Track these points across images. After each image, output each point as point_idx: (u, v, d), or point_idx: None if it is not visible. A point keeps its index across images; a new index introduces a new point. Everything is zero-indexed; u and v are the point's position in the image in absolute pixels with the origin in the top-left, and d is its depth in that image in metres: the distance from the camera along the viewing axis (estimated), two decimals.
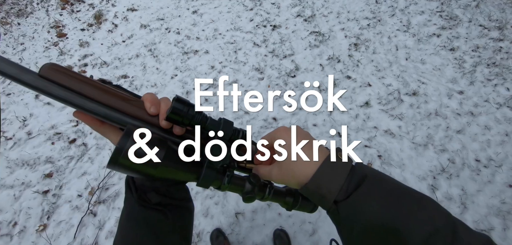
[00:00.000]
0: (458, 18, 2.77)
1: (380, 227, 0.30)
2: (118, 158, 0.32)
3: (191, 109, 0.35)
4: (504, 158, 1.83)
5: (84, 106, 0.33)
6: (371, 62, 2.47)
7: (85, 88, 0.33)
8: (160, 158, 0.34)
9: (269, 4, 3.16)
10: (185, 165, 0.37)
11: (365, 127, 2.05)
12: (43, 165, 1.99)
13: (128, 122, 0.35)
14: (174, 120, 0.35)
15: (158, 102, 0.37)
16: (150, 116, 0.36)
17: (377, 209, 0.30)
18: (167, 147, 0.35)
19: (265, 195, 0.43)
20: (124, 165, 0.33)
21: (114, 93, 0.35)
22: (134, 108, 0.36)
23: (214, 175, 0.38)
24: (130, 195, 0.40)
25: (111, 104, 0.34)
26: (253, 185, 0.41)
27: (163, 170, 0.35)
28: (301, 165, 0.35)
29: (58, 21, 3.12)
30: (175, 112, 0.34)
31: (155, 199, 0.39)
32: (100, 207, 1.78)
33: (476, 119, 2.03)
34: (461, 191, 1.72)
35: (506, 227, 1.57)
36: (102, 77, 2.52)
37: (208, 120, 0.37)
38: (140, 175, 0.36)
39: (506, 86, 2.20)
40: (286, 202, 0.45)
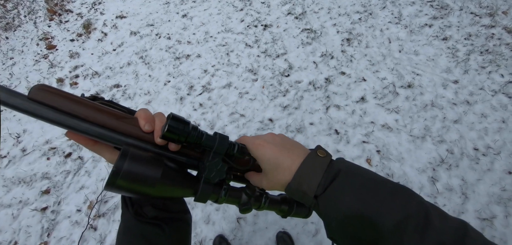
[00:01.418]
0: (449, 7, 2.77)
1: (355, 217, 0.31)
2: (116, 180, 0.31)
3: (186, 126, 0.35)
4: (502, 145, 1.84)
5: (76, 127, 0.32)
6: (365, 57, 2.46)
7: (76, 108, 0.32)
8: (158, 177, 0.34)
9: (259, 3, 3.13)
10: (182, 182, 0.38)
11: (362, 123, 2.04)
12: (40, 181, 1.95)
13: (122, 141, 0.35)
14: (170, 139, 0.35)
15: (153, 119, 0.37)
16: (144, 133, 0.36)
17: (350, 201, 0.32)
18: (164, 165, 0.35)
19: (261, 205, 0.45)
20: (122, 187, 0.32)
21: (107, 112, 0.34)
22: (128, 126, 0.35)
23: (211, 190, 0.39)
24: (126, 210, 0.40)
25: (104, 123, 0.34)
26: (249, 196, 0.43)
27: (161, 189, 0.35)
28: (282, 171, 0.38)
29: (46, 33, 3.06)
30: (171, 130, 0.34)
31: (152, 213, 0.39)
32: (100, 221, 1.75)
33: (472, 108, 2.03)
34: (462, 181, 1.72)
35: (508, 214, 1.58)
36: (95, 87, 2.48)
37: (204, 136, 0.37)
38: (139, 195, 0.36)
39: (500, 72, 2.20)
40: (282, 210, 0.48)
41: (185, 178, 0.38)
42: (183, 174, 0.38)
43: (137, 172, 0.32)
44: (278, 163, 0.38)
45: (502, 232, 1.52)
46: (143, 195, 0.35)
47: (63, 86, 2.54)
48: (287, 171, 0.37)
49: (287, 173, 0.37)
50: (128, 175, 0.32)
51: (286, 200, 0.49)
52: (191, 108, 2.26)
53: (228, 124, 2.14)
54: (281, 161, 0.38)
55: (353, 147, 1.92)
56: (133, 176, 0.32)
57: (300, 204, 0.48)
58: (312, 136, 2.01)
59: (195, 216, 1.73)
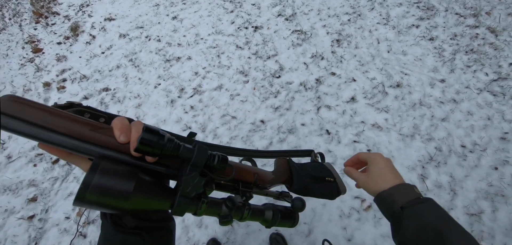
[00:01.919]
0: (435, 8, 2.83)
1: (431, 230, 0.42)
2: (85, 194, 0.30)
3: (161, 139, 0.34)
4: (488, 141, 1.88)
5: (48, 139, 0.31)
6: (354, 57, 2.49)
7: (48, 119, 0.31)
8: (130, 191, 0.32)
9: (249, 5, 3.14)
10: (158, 195, 0.36)
11: (352, 123, 2.06)
12: (26, 189, 1.90)
13: (96, 152, 0.33)
14: (143, 151, 0.34)
15: (129, 129, 0.35)
16: (120, 144, 0.34)
17: (432, 218, 0.44)
18: (137, 178, 0.34)
19: (243, 216, 0.43)
20: (92, 202, 0.31)
21: (81, 122, 0.33)
22: (102, 136, 0.34)
23: (188, 203, 0.37)
24: (105, 220, 0.38)
25: (77, 134, 0.32)
26: (229, 208, 0.41)
27: (134, 202, 0.33)
28: (383, 179, 0.52)
29: (32, 36, 2.99)
30: (144, 143, 0.33)
31: (131, 223, 0.38)
32: (90, 228, 1.71)
33: (459, 106, 2.08)
34: (450, 178, 1.75)
35: (495, 209, 1.62)
36: (83, 91, 2.43)
37: (181, 148, 0.36)
38: (111, 210, 0.34)
39: (485, 71, 2.27)
40: (265, 220, 0.47)
41: (162, 190, 0.37)
42: (160, 186, 0.37)
43: (108, 186, 0.31)
44: (385, 173, 0.53)
45: (490, 227, 1.56)
46: (116, 209, 0.34)
47: (50, 90, 2.48)
48: (387, 182, 0.51)
49: (386, 183, 0.51)
50: (98, 189, 0.30)
51: (269, 208, 0.47)
52: (182, 111, 2.24)
53: (219, 126, 2.13)
54: (388, 173, 0.53)
55: (344, 147, 1.94)
56: (104, 190, 0.31)
57: (285, 213, 0.51)
58: (304, 137, 2.01)
59: (187, 220, 1.71)
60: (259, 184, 0.52)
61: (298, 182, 0.59)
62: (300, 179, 0.60)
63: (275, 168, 0.61)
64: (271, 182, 0.56)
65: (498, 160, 1.80)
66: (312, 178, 0.61)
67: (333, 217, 1.66)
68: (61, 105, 0.37)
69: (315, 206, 1.70)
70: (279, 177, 0.59)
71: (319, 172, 0.62)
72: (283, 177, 0.60)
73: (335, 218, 1.65)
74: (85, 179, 0.30)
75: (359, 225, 1.62)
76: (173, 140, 0.35)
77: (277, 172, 0.59)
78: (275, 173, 0.59)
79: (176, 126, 2.15)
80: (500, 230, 1.55)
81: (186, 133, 2.20)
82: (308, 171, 0.61)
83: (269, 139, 2.03)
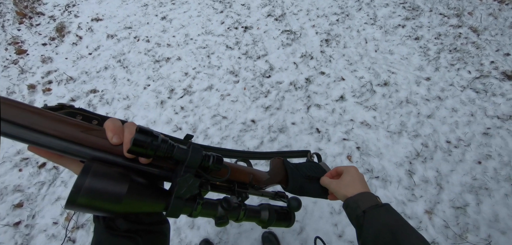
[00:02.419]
0: (420, 9, 2.91)
1: (388, 231, 0.47)
2: (77, 198, 0.29)
3: (155, 140, 0.33)
4: (472, 137, 1.95)
5: (38, 141, 0.30)
6: (343, 57, 2.54)
7: (38, 121, 0.30)
8: (123, 194, 0.32)
9: (239, 5, 3.15)
10: (151, 197, 0.35)
11: (342, 121, 2.09)
12: (12, 195, 1.84)
13: (88, 155, 0.33)
14: (137, 153, 0.33)
15: (121, 130, 0.35)
16: (113, 145, 0.34)
17: (388, 220, 0.49)
18: (130, 180, 0.33)
19: (239, 217, 0.43)
20: (84, 205, 0.30)
21: (71, 123, 0.32)
22: (95, 138, 0.33)
23: (183, 204, 0.37)
24: (97, 223, 0.38)
25: (68, 136, 0.31)
26: (225, 209, 0.41)
27: (127, 205, 0.33)
28: (353, 188, 0.57)
29: (16, 37, 2.90)
30: (137, 144, 0.32)
31: (124, 226, 0.37)
32: (79, 233, 1.67)
33: (444, 103, 2.14)
34: (436, 173, 1.80)
35: (479, 201, 1.67)
36: (70, 93, 2.38)
37: (175, 148, 0.35)
38: (104, 213, 0.34)
39: (468, 69, 2.34)
40: (261, 220, 0.47)
41: (155, 192, 0.36)
42: (153, 188, 0.36)
43: (100, 188, 0.30)
44: (355, 183, 0.58)
45: (475, 219, 1.61)
46: (109, 212, 0.33)
47: (35, 92, 2.41)
48: (355, 189, 0.56)
49: (354, 190, 0.56)
50: (90, 192, 0.30)
51: (265, 208, 0.47)
52: (172, 112, 2.22)
53: (210, 126, 2.12)
54: (357, 184, 0.58)
55: (334, 145, 1.97)
56: (96, 193, 0.30)
57: (281, 214, 0.52)
58: (294, 136, 2.03)
59: (179, 221, 1.70)
60: (254, 184, 0.52)
61: (294, 182, 0.60)
62: (296, 179, 0.60)
63: (271, 168, 0.61)
64: (267, 182, 0.57)
65: (481, 154, 1.86)
66: (307, 178, 0.62)
67: (324, 214, 1.68)
68: (52, 106, 0.36)
69: (306, 204, 1.72)
70: (275, 177, 0.59)
71: (315, 172, 0.63)
72: (279, 177, 0.60)
73: (326, 215, 1.68)
74: (77, 182, 0.30)
75: (349, 221, 1.65)
76: (167, 141, 0.35)
77: (273, 173, 0.60)
78: (271, 174, 0.59)
79: (166, 127, 2.13)
80: (484, 221, 1.60)
81: (177, 134, 2.17)
82: (303, 171, 0.62)
83: (260, 138, 2.03)
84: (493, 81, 2.24)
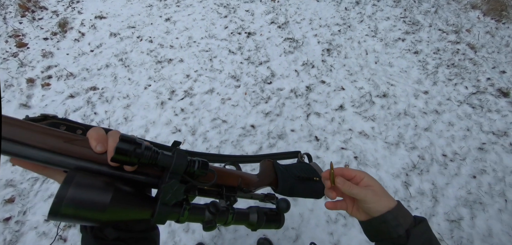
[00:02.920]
0: (420, 23, 2.97)
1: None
2: (59, 209, 0.29)
3: (138, 147, 0.33)
4: (467, 151, 1.98)
5: (20, 153, 0.30)
6: (344, 67, 2.57)
7: (20, 133, 0.30)
8: (107, 202, 0.32)
9: (243, 11, 3.18)
10: (137, 204, 0.35)
11: (340, 130, 2.11)
12: (3, 189, 1.81)
13: (72, 165, 0.32)
14: (120, 161, 0.33)
15: (105, 139, 0.35)
16: (97, 154, 0.34)
17: (428, 237, 0.47)
18: (114, 189, 0.33)
19: (227, 220, 0.43)
20: (67, 215, 0.30)
21: (54, 134, 0.32)
22: (78, 148, 0.33)
23: (169, 211, 0.37)
24: (85, 233, 0.38)
25: (51, 147, 0.31)
26: (213, 214, 0.41)
27: (111, 213, 0.32)
28: (386, 198, 0.49)
29: (17, 30, 2.88)
30: (120, 152, 0.32)
31: (113, 235, 0.37)
32: (71, 231, 1.65)
33: (441, 117, 2.18)
34: (432, 186, 1.82)
35: (473, 216, 1.69)
36: (69, 89, 2.37)
37: (159, 155, 0.36)
38: (88, 222, 0.33)
39: (465, 85, 2.39)
40: (251, 223, 0.46)
41: (141, 199, 0.36)
42: (139, 196, 0.36)
43: (83, 198, 0.30)
44: (385, 192, 0.50)
45: (469, 233, 1.63)
46: (94, 222, 0.33)
47: (34, 86, 2.40)
48: (389, 203, 0.48)
49: (389, 203, 0.48)
50: (73, 202, 0.30)
51: (254, 211, 0.47)
52: (172, 113, 2.22)
53: (210, 129, 2.12)
54: (384, 192, 0.50)
55: (332, 153, 1.98)
56: (79, 203, 0.30)
57: (270, 215, 0.50)
58: (293, 143, 2.04)
59: (173, 224, 1.69)
60: (243, 188, 0.52)
61: (284, 183, 0.59)
62: (286, 180, 0.60)
63: (260, 171, 0.61)
64: (256, 185, 0.56)
65: (477, 169, 1.89)
66: (297, 179, 0.61)
67: (320, 223, 1.68)
68: (34, 118, 0.36)
69: (303, 211, 1.72)
70: (265, 180, 0.59)
71: (305, 172, 0.63)
72: (269, 179, 0.60)
73: (322, 224, 1.68)
74: (59, 193, 0.29)
75: (345, 230, 1.66)
76: (151, 148, 0.35)
77: (262, 175, 0.59)
78: (260, 176, 0.59)
79: (165, 128, 2.13)
80: (478, 236, 1.62)
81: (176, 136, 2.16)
82: (294, 172, 0.62)
83: (259, 144, 2.04)
84: (489, 98, 2.28)
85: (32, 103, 2.27)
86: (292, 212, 1.72)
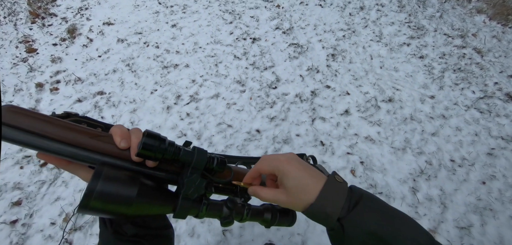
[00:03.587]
0: (425, 28, 2.96)
1: (376, 239, 0.35)
2: (89, 202, 0.30)
3: (162, 143, 0.35)
4: (476, 156, 1.95)
5: (48, 148, 0.31)
6: (349, 72, 2.57)
7: (48, 128, 0.31)
8: (133, 196, 0.33)
9: (248, 17, 3.21)
10: (160, 199, 0.37)
11: (346, 135, 2.10)
12: (11, 192, 1.83)
13: (97, 160, 0.34)
14: (145, 156, 0.35)
15: (128, 135, 0.36)
16: (120, 150, 0.35)
17: (373, 223, 0.35)
18: (140, 183, 0.34)
19: (243, 216, 0.44)
20: (96, 208, 0.31)
21: (80, 130, 0.33)
22: (103, 144, 0.34)
23: (190, 205, 0.38)
24: (105, 229, 0.39)
25: (77, 142, 0.32)
26: (230, 209, 0.42)
27: (137, 207, 0.34)
28: (307, 191, 0.38)
29: (27, 36, 2.95)
30: (146, 148, 0.34)
31: (131, 231, 0.38)
32: (76, 235, 1.65)
33: (448, 122, 2.15)
34: (440, 191, 1.80)
35: (484, 223, 1.66)
36: (77, 94, 2.40)
37: (181, 151, 0.37)
38: (114, 216, 0.35)
39: (472, 89, 2.36)
40: (265, 220, 0.47)
41: (163, 194, 0.37)
42: (161, 191, 0.37)
43: (111, 192, 0.31)
44: (305, 183, 0.38)
45: (480, 240, 1.60)
46: (119, 215, 0.34)
47: (43, 91, 2.44)
48: (311, 192, 0.37)
49: (311, 193, 0.37)
50: (102, 196, 0.31)
51: (268, 209, 0.48)
52: (178, 118, 2.24)
53: (215, 134, 2.13)
54: (307, 181, 0.38)
55: (338, 158, 1.97)
56: (108, 197, 0.31)
57: (283, 213, 0.49)
58: (299, 148, 2.03)
59: (179, 229, 1.68)
60: None
61: None
62: None
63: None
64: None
65: (486, 175, 1.86)
66: None
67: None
68: (59, 114, 0.37)
69: None
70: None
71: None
72: None
73: None
74: (89, 186, 0.30)
75: None
76: (174, 143, 0.36)
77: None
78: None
79: (171, 132, 2.14)
80: (489, 243, 1.58)
81: (182, 140, 2.18)
82: None
83: (264, 148, 2.04)
84: (497, 102, 2.26)
85: (41, 107, 2.31)
86: (298, 218, 1.70)
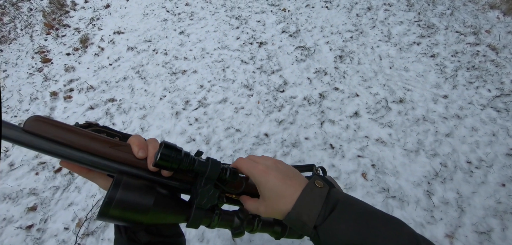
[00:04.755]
0: (435, 26, 2.89)
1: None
2: (109, 210, 0.32)
3: (179, 154, 0.36)
4: (494, 157, 1.87)
5: (70, 156, 0.33)
6: (357, 73, 2.53)
7: (71, 138, 0.33)
8: (150, 205, 0.34)
9: (255, 22, 3.22)
10: (175, 209, 0.38)
11: (356, 137, 2.06)
12: (27, 198, 1.88)
13: (116, 169, 0.35)
14: (162, 166, 0.36)
15: (146, 145, 0.37)
16: (138, 159, 0.36)
17: (348, 231, 0.33)
18: (156, 192, 0.35)
19: (254, 228, 0.45)
20: (115, 216, 0.33)
21: (100, 139, 0.35)
22: (121, 153, 0.36)
23: (203, 215, 0.39)
24: (119, 236, 0.40)
25: (98, 151, 0.34)
26: (241, 220, 0.43)
27: (153, 216, 0.35)
28: (284, 200, 0.37)
29: (42, 47, 3.06)
30: (164, 158, 0.35)
31: (145, 238, 0.39)
32: (89, 240, 1.68)
33: (463, 122, 2.08)
34: (457, 195, 1.73)
35: (504, 227, 1.58)
36: (89, 101, 2.46)
37: (196, 162, 0.38)
38: (131, 224, 0.36)
39: (487, 87, 2.28)
40: (275, 231, 0.48)
41: (178, 204, 0.38)
42: (176, 200, 0.38)
43: (130, 200, 0.33)
44: (281, 191, 0.37)
45: None
46: (136, 223, 0.35)
47: (57, 99, 2.51)
48: (288, 200, 0.36)
49: (288, 202, 0.36)
50: (121, 204, 0.32)
51: (279, 222, 0.48)
52: (186, 123, 2.25)
53: (223, 138, 2.13)
54: (283, 189, 0.37)
55: (348, 162, 1.93)
56: (126, 205, 0.32)
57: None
58: (308, 151, 2.01)
59: (188, 234, 1.68)
60: None
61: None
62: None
63: None
64: None
65: (505, 176, 1.78)
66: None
67: None
68: (81, 124, 0.39)
69: None
70: None
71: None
72: None
73: None
74: (109, 195, 0.32)
75: None
76: (189, 155, 0.37)
77: None
78: None
79: (180, 137, 2.16)
80: None
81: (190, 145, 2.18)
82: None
83: (273, 152, 2.02)
84: None
85: (55, 115, 2.37)
86: None
